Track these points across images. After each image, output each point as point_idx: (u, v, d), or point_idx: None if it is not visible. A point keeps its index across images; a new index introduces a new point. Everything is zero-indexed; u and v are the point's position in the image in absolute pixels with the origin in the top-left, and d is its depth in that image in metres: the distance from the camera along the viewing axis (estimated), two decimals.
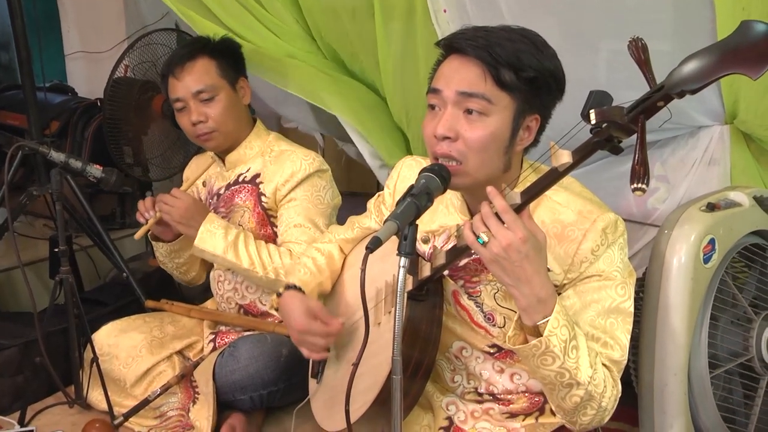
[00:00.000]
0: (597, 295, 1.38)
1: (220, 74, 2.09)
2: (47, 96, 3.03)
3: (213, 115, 2.07)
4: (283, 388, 1.98)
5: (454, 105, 1.37)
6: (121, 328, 2.15)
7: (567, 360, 1.27)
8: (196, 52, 2.08)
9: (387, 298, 1.54)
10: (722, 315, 1.74)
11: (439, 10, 2.27)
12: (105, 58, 3.50)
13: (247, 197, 2.12)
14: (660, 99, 1.11)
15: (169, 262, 2.25)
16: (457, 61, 1.39)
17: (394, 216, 1.22)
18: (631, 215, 2.30)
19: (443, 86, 1.39)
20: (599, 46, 2.11)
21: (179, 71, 2.06)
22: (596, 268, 1.38)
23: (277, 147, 2.17)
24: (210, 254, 2.02)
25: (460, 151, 1.37)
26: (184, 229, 2.06)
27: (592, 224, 1.38)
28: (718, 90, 2.01)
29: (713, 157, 2.10)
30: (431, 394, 1.60)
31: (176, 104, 2.10)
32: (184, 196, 2.07)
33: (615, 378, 1.36)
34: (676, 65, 1.12)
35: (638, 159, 1.11)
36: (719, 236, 1.72)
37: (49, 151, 2.09)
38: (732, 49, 1.05)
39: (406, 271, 1.21)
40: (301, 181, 2.06)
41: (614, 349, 1.37)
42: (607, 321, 1.38)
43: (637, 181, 1.10)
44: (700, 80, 1.06)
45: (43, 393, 2.26)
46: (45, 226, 3.16)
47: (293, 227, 2.04)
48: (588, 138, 1.18)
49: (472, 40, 1.36)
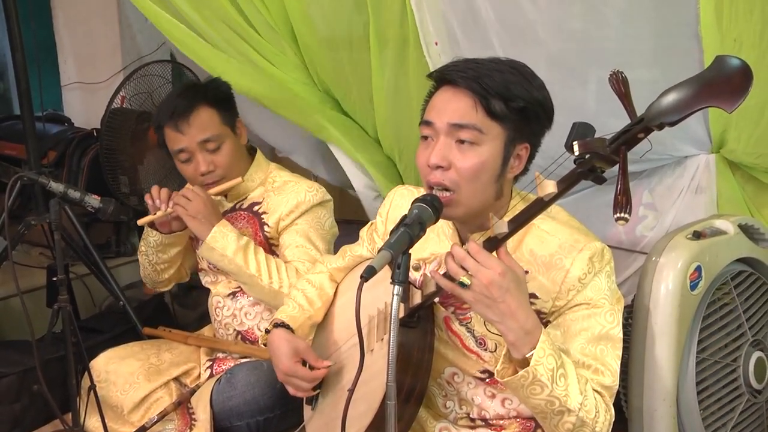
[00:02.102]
0: (586, 323, 1.41)
1: (223, 122, 2.09)
2: (45, 126, 3.07)
3: (221, 163, 2.08)
4: (280, 414, 1.99)
5: (447, 135, 1.41)
6: (118, 356, 2.16)
7: (555, 388, 1.29)
8: (196, 102, 2.06)
9: (379, 325, 1.56)
10: (709, 341, 1.77)
11: (431, 42, 2.32)
12: (101, 88, 3.54)
13: (246, 225, 2.14)
14: (640, 131, 1.15)
15: (151, 255, 2.21)
16: (448, 93, 1.43)
17: (388, 245, 1.26)
18: (620, 243, 2.34)
19: (435, 118, 1.42)
20: (587, 76, 2.16)
21: (183, 123, 2.04)
22: (584, 296, 1.41)
23: (279, 178, 2.18)
24: (219, 254, 2.01)
25: (452, 180, 1.40)
26: (196, 225, 2.03)
27: (579, 253, 1.41)
28: (704, 120, 2.06)
29: (700, 186, 2.14)
30: (424, 420, 1.62)
31: (180, 155, 2.08)
32: (203, 193, 2.05)
33: (607, 403, 1.38)
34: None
35: (620, 189, 1.15)
36: (705, 263, 1.76)
37: (48, 182, 2.12)
38: (707, 83, 1.09)
39: (400, 299, 1.25)
40: (305, 211, 2.09)
41: (605, 375, 1.39)
42: (597, 348, 1.40)
43: (619, 211, 1.14)
44: (678, 113, 1.11)
45: (41, 421, 2.26)
46: (41, 254, 3.18)
47: (295, 248, 2.06)
48: (572, 168, 1.22)
49: (462, 71, 1.41)
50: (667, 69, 1.97)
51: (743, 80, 1.09)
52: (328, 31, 2.54)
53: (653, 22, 1.98)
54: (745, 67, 1.10)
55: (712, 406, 1.76)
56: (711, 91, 1.09)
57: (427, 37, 2.32)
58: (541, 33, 2.12)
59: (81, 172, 3.13)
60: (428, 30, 2.30)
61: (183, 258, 2.29)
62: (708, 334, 1.77)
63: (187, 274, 2.36)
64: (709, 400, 1.75)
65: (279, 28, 2.52)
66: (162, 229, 2.15)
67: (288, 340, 1.66)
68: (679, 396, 1.73)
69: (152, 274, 2.28)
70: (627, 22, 1.99)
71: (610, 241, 2.36)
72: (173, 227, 2.14)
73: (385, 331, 1.52)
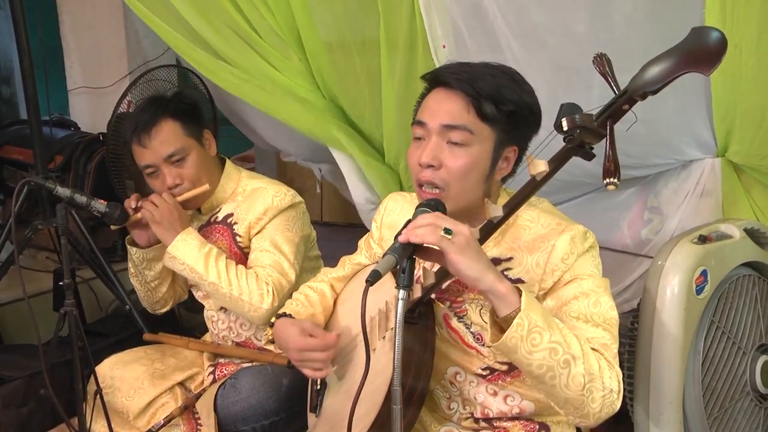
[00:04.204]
0: (577, 290, 1.42)
1: (187, 133, 2.06)
2: (51, 131, 3.09)
3: (188, 176, 2.06)
4: (285, 417, 1.99)
5: (438, 136, 1.45)
6: (122, 361, 2.15)
7: (553, 333, 1.27)
8: (158, 115, 2.04)
9: (380, 324, 1.57)
10: (715, 345, 1.77)
11: (439, 45, 2.33)
12: (107, 93, 3.57)
13: (220, 238, 2.13)
14: (624, 102, 1.19)
15: (140, 274, 2.20)
16: (441, 94, 1.47)
17: (393, 250, 1.27)
18: (625, 246, 2.34)
19: (428, 119, 1.46)
20: (592, 80, 2.16)
21: (145, 138, 2.02)
22: (570, 274, 1.44)
23: (249, 186, 2.16)
24: (179, 263, 2.00)
25: (442, 179, 1.44)
26: (162, 231, 2.02)
27: (561, 234, 1.45)
28: (709, 124, 2.06)
29: (705, 189, 2.15)
30: (428, 424, 1.62)
31: (147, 170, 2.07)
32: (171, 200, 2.04)
33: (609, 360, 1.36)
34: (668, 99, 1.18)
35: (609, 157, 1.19)
36: (711, 268, 1.76)
37: (55, 187, 2.12)
38: (687, 52, 1.14)
39: (406, 303, 1.25)
40: (273, 216, 2.07)
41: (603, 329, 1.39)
42: (590, 303, 1.40)
43: (609, 176, 1.19)
44: (659, 81, 1.15)
45: (47, 425, 2.27)
46: (47, 258, 3.20)
47: (259, 252, 2.05)
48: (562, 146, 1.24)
49: (456, 74, 1.45)
50: None
51: (719, 46, 1.15)
52: (336, 37, 2.55)
53: (659, 26, 1.98)
54: (721, 35, 1.16)
55: (718, 410, 1.76)
56: (690, 59, 1.14)
57: (435, 40, 2.33)
58: (548, 36, 2.13)
59: (87, 177, 3.15)
60: (436, 33, 2.31)
61: (175, 274, 2.25)
62: (714, 338, 1.77)
63: (185, 291, 2.34)
64: (715, 404, 1.75)
65: (284, 35, 2.53)
66: (140, 241, 2.13)
67: (292, 323, 1.65)
68: (685, 400, 1.73)
69: (147, 294, 2.26)
70: (632, 26, 2.00)
71: (615, 245, 2.36)
72: (150, 239, 2.12)
73: (387, 329, 1.53)
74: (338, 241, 2.05)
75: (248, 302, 1.95)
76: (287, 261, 2.03)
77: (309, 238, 2.19)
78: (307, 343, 1.60)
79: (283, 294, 1.99)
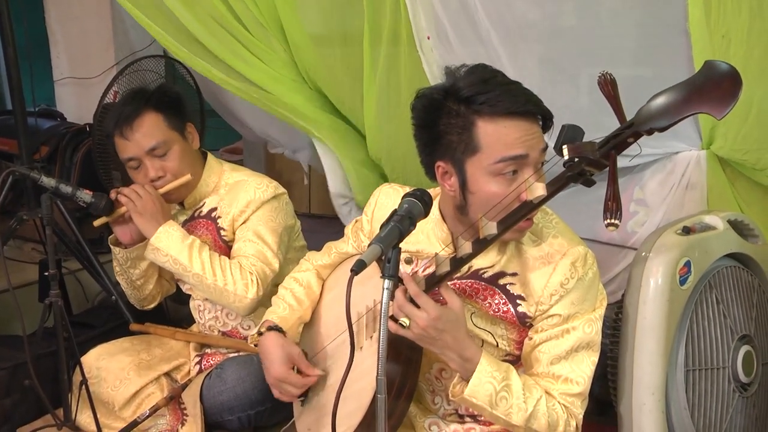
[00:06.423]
0: (560, 339, 1.47)
1: (170, 126, 2.07)
2: (37, 121, 3.07)
3: (170, 169, 2.06)
4: (270, 407, 1.99)
5: (536, 165, 1.40)
6: (108, 352, 2.16)
7: (495, 410, 1.39)
8: (141, 107, 2.03)
9: (368, 324, 1.57)
10: (698, 335, 1.78)
11: (423, 37, 2.33)
12: (94, 83, 3.54)
13: (205, 232, 2.12)
14: (630, 135, 1.17)
15: (124, 273, 2.20)
16: (519, 121, 1.38)
17: (378, 239, 1.27)
18: (611, 239, 2.35)
19: (529, 150, 1.38)
20: (578, 73, 2.17)
21: (128, 131, 2.02)
22: (563, 307, 1.46)
23: (232, 179, 2.15)
24: (162, 254, 2.00)
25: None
26: (143, 222, 2.02)
27: (562, 257, 1.46)
28: (694, 117, 2.07)
29: (690, 182, 2.15)
30: (414, 415, 1.64)
31: (130, 163, 2.07)
32: (154, 192, 2.04)
33: (572, 412, 1.45)
34: (653, 92, 1.17)
35: (610, 194, 1.17)
36: (695, 259, 1.77)
37: (39, 177, 2.11)
38: (698, 89, 1.10)
39: (391, 293, 1.26)
40: (256, 209, 2.07)
41: (575, 383, 1.45)
42: (570, 359, 1.46)
43: (610, 217, 1.17)
44: (668, 119, 1.12)
45: (32, 416, 2.26)
46: (33, 249, 3.18)
47: (242, 242, 2.05)
48: (561, 171, 1.23)
49: (517, 96, 1.38)
50: (657, 66, 1.98)
51: (732, 86, 1.10)
52: (319, 28, 2.55)
53: (644, 19, 1.99)
54: (734, 72, 1.11)
55: (700, 399, 1.77)
56: (701, 97, 1.11)
57: (420, 32, 2.32)
58: (533, 30, 2.13)
59: (74, 167, 3.13)
60: (421, 24, 2.31)
61: (160, 269, 2.25)
62: (697, 328, 1.78)
63: (172, 285, 2.34)
64: (698, 393, 1.76)
65: (268, 25, 2.53)
66: (123, 238, 2.13)
67: (281, 346, 1.67)
68: (668, 390, 1.74)
69: (134, 292, 2.25)
70: (618, 19, 2.01)
71: (601, 237, 2.37)
72: (134, 237, 2.11)
73: (375, 329, 1.53)
74: (326, 233, 2.04)
75: (233, 293, 1.95)
76: (270, 251, 2.03)
77: (293, 228, 2.19)
78: (287, 377, 1.65)
79: (267, 283, 1.99)
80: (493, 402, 1.38)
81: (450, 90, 1.42)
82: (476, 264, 1.52)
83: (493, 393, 1.38)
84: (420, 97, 1.47)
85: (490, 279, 1.52)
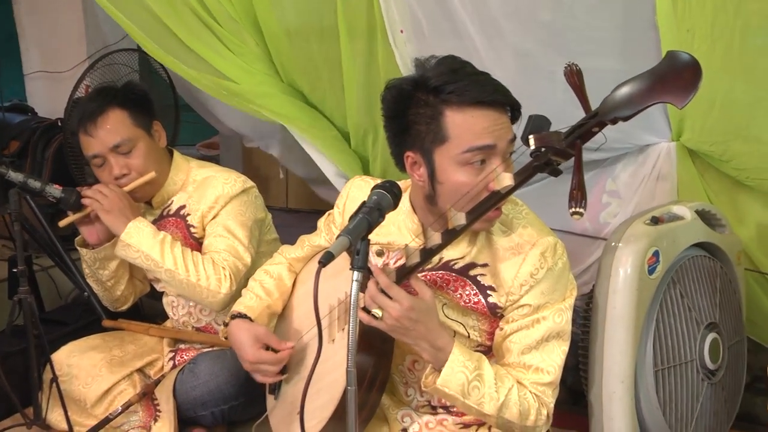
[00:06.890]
0: (531, 329, 1.47)
1: (135, 123, 2.05)
2: (6, 116, 3.03)
3: (135, 166, 2.04)
4: (244, 402, 1.99)
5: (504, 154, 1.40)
6: (79, 349, 2.13)
7: (467, 399, 1.40)
8: (106, 104, 2.01)
9: (340, 316, 1.57)
10: (667, 324, 1.81)
11: (396, 30, 2.32)
12: (66, 78, 3.49)
13: (175, 230, 2.11)
14: (595, 125, 1.18)
15: (94, 275, 2.18)
16: (487, 111, 1.38)
17: (347, 231, 1.27)
18: (584, 230, 2.36)
19: (498, 140, 1.39)
20: (553, 67, 2.17)
21: (92, 127, 2.00)
22: (533, 296, 1.47)
23: (199, 175, 2.14)
24: (134, 250, 1.97)
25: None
26: (112, 220, 1.99)
27: (532, 248, 1.47)
28: (663, 109, 2.09)
29: (661, 173, 2.18)
30: (387, 407, 1.64)
31: (94, 161, 2.05)
32: (119, 189, 2.02)
33: (543, 401, 1.46)
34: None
35: (575, 183, 1.18)
36: (663, 248, 1.79)
37: (7, 171, 2.09)
38: (660, 78, 1.12)
39: (360, 285, 1.26)
40: (225, 204, 2.06)
41: (546, 373, 1.46)
42: (541, 348, 1.47)
43: (575, 205, 1.17)
44: (631, 108, 1.14)
45: (1, 414, 2.24)
46: (4, 246, 3.14)
47: (212, 237, 2.04)
48: (528, 161, 1.24)
49: (485, 85, 1.39)
50: (629, 59, 2.00)
51: (693, 75, 1.13)
52: (296, 22, 2.53)
53: (617, 13, 2.00)
54: (695, 62, 1.13)
55: (671, 396, 1.79)
56: (663, 87, 1.12)
57: (393, 26, 2.32)
58: (508, 23, 2.13)
59: (45, 163, 3.10)
60: (394, 18, 2.31)
61: (131, 270, 2.23)
62: (665, 317, 1.80)
63: (146, 285, 2.32)
64: (666, 380, 1.78)
65: (241, 19, 2.51)
66: (90, 239, 2.10)
67: (247, 329, 1.67)
68: (637, 378, 1.76)
69: (105, 294, 2.23)
70: (592, 13, 2.02)
71: (574, 228, 2.39)
72: (101, 237, 2.09)
73: (347, 322, 1.53)
74: (304, 228, 2.03)
75: (206, 288, 1.94)
76: (242, 245, 2.02)
77: (264, 222, 2.18)
78: (260, 357, 1.64)
79: (240, 278, 1.98)
80: (465, 391, 1.39)
81: (419, 80, 1.42)
82: (447, 255, 1.52)
83: (466, 382, 1.38)
84: (389, 89, 1.47)
85: (460, 270, 1.52)
